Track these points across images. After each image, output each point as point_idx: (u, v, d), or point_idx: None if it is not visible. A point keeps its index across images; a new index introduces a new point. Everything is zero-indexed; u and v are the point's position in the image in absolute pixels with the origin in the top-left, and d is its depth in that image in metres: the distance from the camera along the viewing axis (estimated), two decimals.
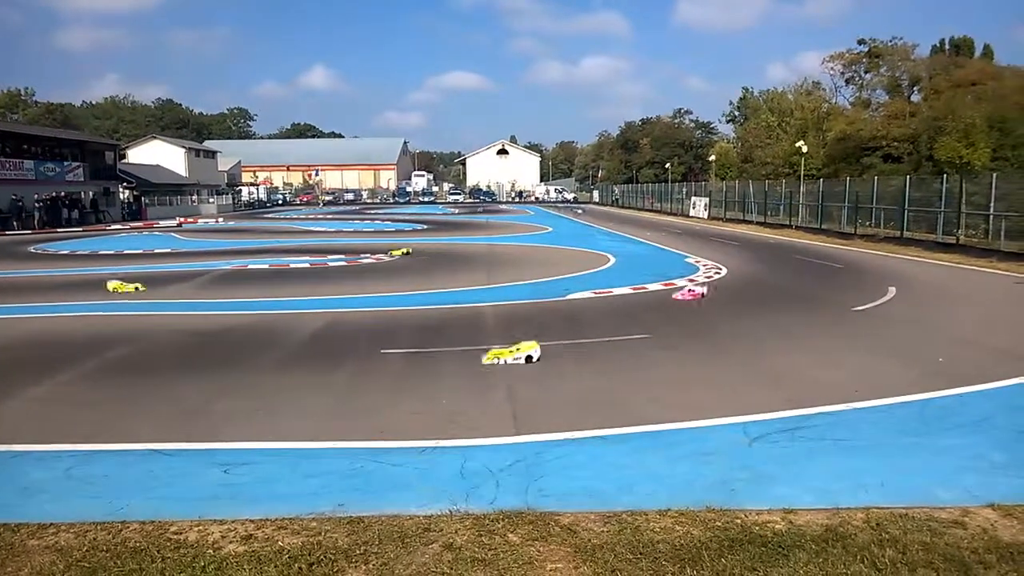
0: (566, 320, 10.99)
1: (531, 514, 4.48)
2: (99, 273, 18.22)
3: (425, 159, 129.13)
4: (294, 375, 7.99)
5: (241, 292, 14.36)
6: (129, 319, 11.61)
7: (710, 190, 46.35)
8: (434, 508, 4.58)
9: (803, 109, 60.98)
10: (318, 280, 16.30)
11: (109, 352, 9.12)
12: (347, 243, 26.37)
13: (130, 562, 3.95)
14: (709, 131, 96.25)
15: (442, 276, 16.70)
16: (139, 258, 22.35)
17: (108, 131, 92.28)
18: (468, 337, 9.74)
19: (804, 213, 32.35)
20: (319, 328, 10.63)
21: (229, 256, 21.61)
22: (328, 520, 4.43)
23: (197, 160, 68.41)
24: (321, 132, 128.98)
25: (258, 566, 3.88)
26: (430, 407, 6.72)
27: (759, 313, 11.63)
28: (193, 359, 8.82)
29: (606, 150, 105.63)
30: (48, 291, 15.13)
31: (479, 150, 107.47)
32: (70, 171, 45.34)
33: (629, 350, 8.98)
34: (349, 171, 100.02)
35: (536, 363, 8.23)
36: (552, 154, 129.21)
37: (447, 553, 4.04)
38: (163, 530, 4.33)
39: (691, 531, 4.26)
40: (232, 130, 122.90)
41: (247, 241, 28.53)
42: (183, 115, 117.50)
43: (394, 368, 8.24)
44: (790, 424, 6.11)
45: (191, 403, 6.96)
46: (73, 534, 4.31)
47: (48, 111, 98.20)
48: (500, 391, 7.20)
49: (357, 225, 38.98)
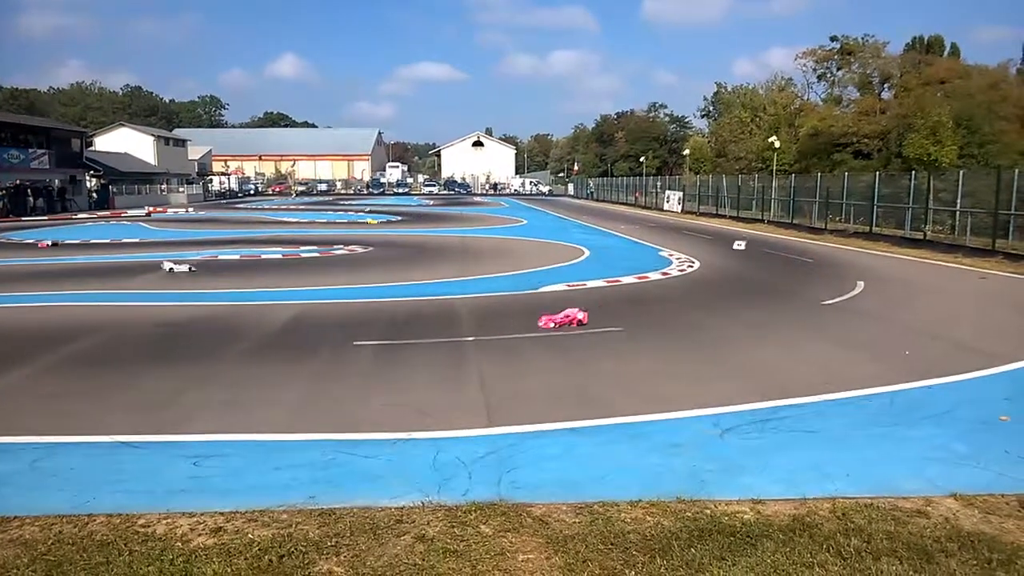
0: (538, 313, 10.99)
1: (503, 505, 4.50)
2: (63, 263, 17.88)
3: (399, 150, 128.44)
4: (265, 366, 7.92)
5: (211, 283, 14.18)
6: (93, 310, 11.41)
7: (684, 184, 46.65)
8: (406, 500, 4.58)
9: (776, 105, 61.59)
10: (290, 271, 16.17)
11: (73, 344, 8.97)
12: (320, 234, 26.15)
13: (97, 555, 3.89)
14: (683, 125, 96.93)
15: (415, 268, 16.63)
16: (107, 247, 21.94)
17: (75, 118, 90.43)
18: (440, 329, 9.72)
19: (776, 208, 32.72)
20: (290, 319, 10.54)
21: (199, 246, 21.32)
22: (299, 512, 4.41)
23: (167, 148, 67.30)
24: (294, 122, 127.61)
25: (228, 559, 3.85)
26: (402, 399, 6.70)
27: (731, 306, 11.75)
28: (161, 351, 8.69)
29: (581, 143, 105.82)
30: (10, 281, 14.79)
31: (454, 142, 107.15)
32: (35, 158, 44.37)
33: (602, 343, 9.02)
34: (323, 161, 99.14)
35: (508, 356, 8.26)
36: (528, 147, 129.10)
37: (419, 544, 4.04)
38: (131, 523, 4.27)
39: (662, 521, 4.30)
40: (203, 118, 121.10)
41: (218, 231, 28.16)
42: (152, 102, 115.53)
43: (366, 360, 8.20)
44: (760, 416, 6.19)
45: (159, 395, 6.87)
46: (38, 527, 4.24)
47: (12, 96, 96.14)
48: (473, 383, 7.21)
49: (330, 216, 38.67)
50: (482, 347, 8.70)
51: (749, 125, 62.43)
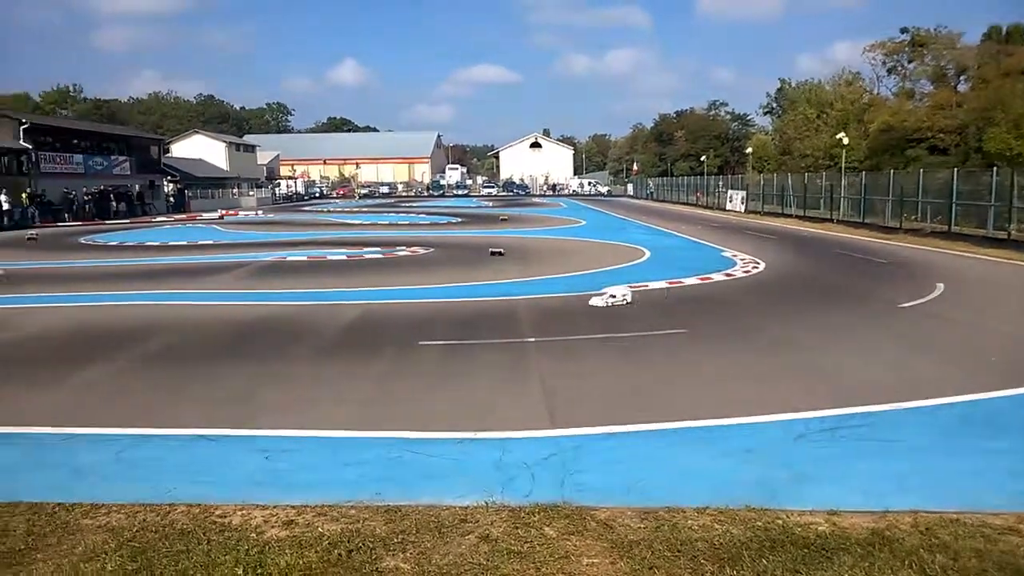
0: (601, 314, 10.93)
1: (567, 508, 4.47)
2: (146, 264, 18.64)
3: (458, 152, 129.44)
4: (332, 365, 8.08)
5: (280, 283, 14.56)
6: (173, 309, 11.85)
7: (747, 183, 45.71)
8: (470, 499, 4.60)
9: (843, 100, 59.80)
10: (355, 272, 16.45)
11: (155, 341, 9.33)
12: (382, 236, 26.56)
13: (178, 543, 4.04)
14: (745, 123, 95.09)
15: (476, 269, 16.72)
16: (183, 249, 22.77)
17: (152, 126, 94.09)
18: (503, 330, 9.75)
19: (845, 206, 31.69)
20: (356, 319, 10.73)
21: (269, 248, 21.92)
22: (366, 508, 4.47)
23: (237, 154, 69.44)
24: (356, 126, 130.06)
25: (299, 551, 3.93)
26: (466, 399, 6.74)
27: (799, 309, 11.45)
28: (234, 348, 8.97)
29: (640, 143, 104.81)
30: (97, 281, 15.49)
31: (512, 143, 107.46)
32: (117, 165, 46.48)
33: (666, 345, 8.91)
34: (384, 164, 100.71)
35: (570, 358, 8.23)
36: (586, 147, 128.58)
37: (483, 544, 4.05)
38: (208, 513, 4.42)
39: (730, 530, 4.20)
40: (271, 124, 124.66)
41: (286, 233, 28.92)
42: (224, 110, 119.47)
43: (431, 359, 8.29)
44: (833, 423, 6.00)
45: (232, 391, 7.10)
46: (124, 515, 4.42)
47: (96, 107, 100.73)
48: (535, 384, 7.20)
49: (392, 218, 39.25)
50: (544, 348, 8.69)
51: (815, 122, 60.81)
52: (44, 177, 39.18)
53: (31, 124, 40.56)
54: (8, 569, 3.81)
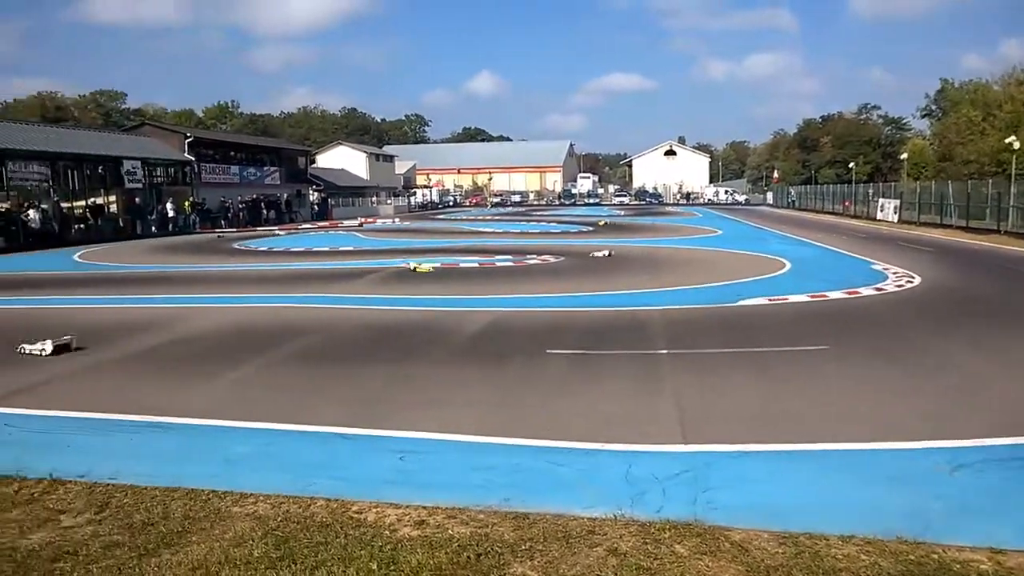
0: (737, 327, 10.55)
1: (699, 527, 4.32)
2: (291, 269, 19.85)
3: (590, 161, 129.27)
4: (463, 370, 8.25)
5: (414, 289, 15.05)
6: (315, 312, 12.53)
7: (901, 191, 42.74)
8: (598, 511, 4.53)
9: (1014, 101, 54.75)
10: (486, 279, 16.76)
11: (298, 342, 9.89)
12: (514, 244, 26.92)
13: (317, 535, 4.24)
14: (900, 127, 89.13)
15: (607, 279, 16.60)
16: (325, 255, 24.07)
17: (300, 138, 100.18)
18: (634, 341, 9.60)
19: (1014, 217, 28.92)
20: (486, 326, 10.92)
21: (404, 255, 22.74)
22: (495, 513, 4.52)
23: (377, 164, 72.71)
24: (490, 136, 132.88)
25: (430, 551, 4.02)
26: (595, 409, 6.68)
27: (960, 327, 10.55)
28: (370, 351, 9.35)
29: (781, 149, 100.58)
30: (247, 284, 16.66)
31: (645, 151, 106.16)
32: (268, 175, 49.95)
33: (807, 362, 8.46)
34: (516, 173, 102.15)
35: (704, 372, 7.98)
36: (723, 154, 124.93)
37: (612, 558, 3.98)
38: (346, 508, 4.61)
39: (879, 562, 3.91)
40: (409, 135, 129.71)
41: (420, 240, 29.92)
42: (365, 122, 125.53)
43: (559, 368, 8.29)
44: (999, 454, 5.45)
45: (368, 392, 7.40)
46: (269, 504, 4.70)
47: (250, 121, 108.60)
48: (667, 397, 7.03)
49: (523, 226, 39.72)
50: (677, 360, 8.48)
51: (980, 124, 56.02)
52: (204, 187, 42.68)
53: (195, 138, 44.32)
54: (168, 548, 4.12)
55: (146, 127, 47.37)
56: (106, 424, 6.42)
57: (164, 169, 40.78)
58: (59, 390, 7.59)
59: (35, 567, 3.93)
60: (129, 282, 17.77)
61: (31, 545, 4.19)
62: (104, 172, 35.86)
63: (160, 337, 10.28)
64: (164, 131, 45.74)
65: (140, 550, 4.11)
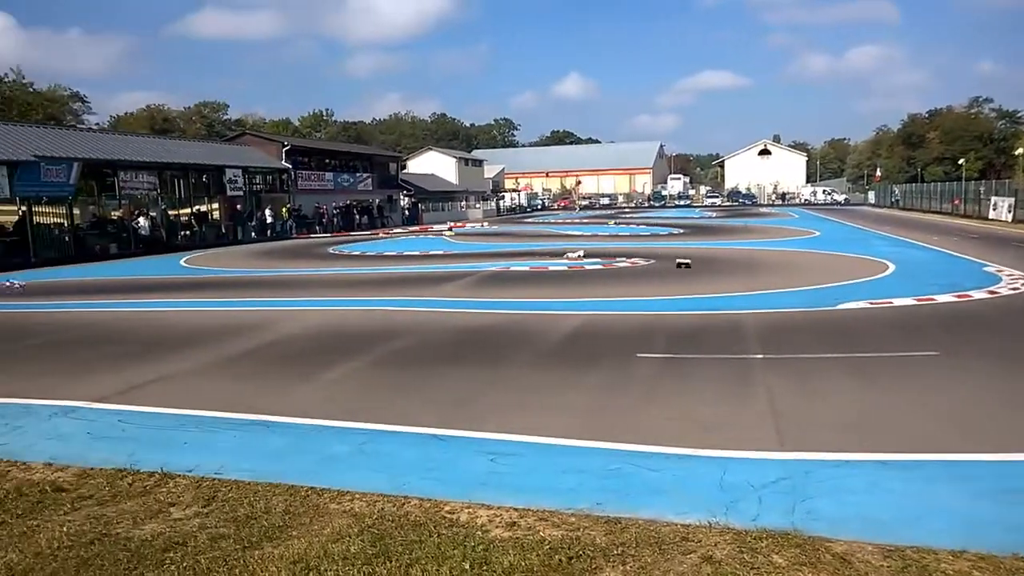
0: (837, 332, 10.15)
1: (798, 537, 4.18)
2: (383, 272, 20.38)
3: (681, 162, 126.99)
4: (552, 373, 8.26)
5: (504, 292, 15.19)
6: (407, 315, 12.82)
7: (1016, 188, 40.02)
8: (692, 518, 4.46)
9: None
10: (574, 283, 16.73)
11: (391, 344, 10.14)
12: (602, 247, 26.74)
13: (411, 534, 4.33)
14: (1015, 121, 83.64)
15: (699, 282, 16.28)
16: (415, 259, 24.59)
17: (392, 144, 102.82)
18: (726, 345, 9.38)
19: None
20: (576, 329, 10.89)
21: (493, 258, 22.98)
22: (586, 517, 4.50)
23: (466, 168, 73.75)
24: (579, 139, 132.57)
25: (522, 553, 4.05)
26: (687, 414, 6.57)
27: None
28: (462, 353, 9.48)
29: (884, 146, 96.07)
30: (342, 287, 17.22)
31: (738, 151, 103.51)
32: (361, 181, 51.48)
33: (913, 368, 8.05)
34: (605, 176, 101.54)
35: (802, 377, 7.71)
36: (820, 153, 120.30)
37: (706, 565, 3.90)
38: (439, 508, 4.70)
39: None
40: (497, 139, 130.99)
41: (509, 244, 30.14)
42: (455, 127, 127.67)
43: (650, 372, 8.18)
44: None
45: (460, 393, 7.50)
46: (365, 502, 4.83)
47: (344, 129, 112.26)
48: (762, 403, 6.84)
49: (612, 229, 39.41)
50: (772, 366, 8.23)
51: None
52: (300, 193, 44.39)
53: (291, 146, 46.13)
54: (270, 541, 4.30)
55: (246, 136, 49.73)
56: (212, 421, 6.75)
57: (263, 177, 42.68)
58: (168, 389, 8.04)
59: (148, 556, 4.17)
60: (230, 286, 18.68)
61: (144, 535, 4.45)
62: (208, 180, 37.86)
63: (260, 339, 10.75)
64: (263, 140, 47.87)
65: (244, 543, 4.31)
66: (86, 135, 37.41)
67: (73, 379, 8.52)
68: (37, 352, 10.44)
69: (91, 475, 5.46)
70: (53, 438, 6.42)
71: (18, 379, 8.72)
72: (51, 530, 4.52)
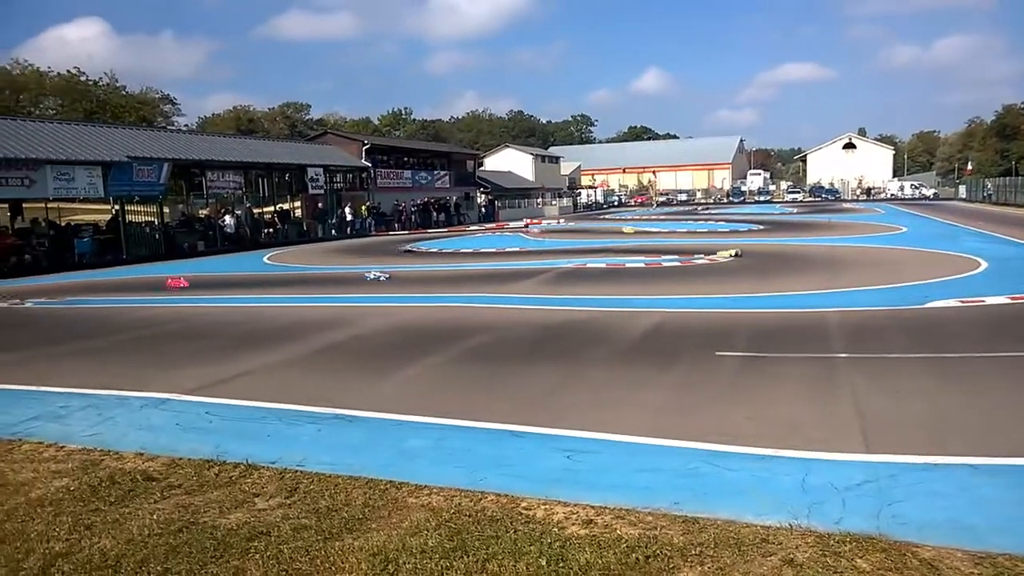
0: (924, 331, 9.75)
1: (883, 541, 4.07)
2: (460, 269, 20.66)
3: (761, 157, 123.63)
4: (629, 370, 8.23)
5: (580, 289, 15.18)
6: (484, 311, 12.98)
7: None
8: (772, 519, 4.39)
9: None
10: (652, 279, 16.58)
11: (469, 340, 10.28)
12: (680, 244, 26.37)
13: (488, 529, 4.41)
14: None
15: (779, 279, 15.88)
16: (492, 256, 24.80)
17: (469, 142, 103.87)
18: (809, 343, 9.15)
19: None
20: (653, 326, 10.81)
21: (569, 255, 22.96)
22: (663, 516, 4.50)
23: (542, 165, 73.85)
24: (656, 134, 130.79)
25: (598, 550, 4.08)
26: (768, 414, 6.45)
27: None
28: (539, 350, 9.54)
29: (976, 139, 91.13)
30: (420, 284, 17.54)
31: (821, 145, 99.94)
32: (439, 179, 52.26)
33: (1005, 369, 7.67)
34: (683, 172, 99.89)
35: (888, 377, 7.45)
36: (908, 146, 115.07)
37: (787, 568, 3.85)
38: (515, 504, 4.76)
39: None
40: (574, 136, 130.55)
41: (585, 241, 30.04)
42: (531, 125, 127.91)
43: (729, 371, 8.06)
44: None
45: (537, 390, 7.56)
46: (442, 497, 4.94)
47: (422, 127, 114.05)
48: (846, 404, 6.65)
49: (690, 226, 38.77)
50: (857, 365, 7.98)
51: None
52: (379, 191, 45.37)
53: (371, 145, 47.17)
54: (350, 533, 4.43)
55: (327, 136, 51.09)
56: (294, 415, 6.99)
57: (343, 175, 43.82)
58: (253, 383, 8.36)
59: (233, 544, 4.36)
60: (312, 282, 19.29)
61: (229, 524, 4.65)
62: (290, 179, 39.16)
63: (340, 334, 11.07)
64: (343, 139, 49.10)
65: (325, 534, 4.45)
66: (175, 136, 39.22)
67: (163, 372, 8.95)
68: (133, 345, 11.01)
69: (179, 465, 5.72)
70: (144, 429, 6.76)
71: (111, 371, 9.19)
72: (141, 518, 4.75)
